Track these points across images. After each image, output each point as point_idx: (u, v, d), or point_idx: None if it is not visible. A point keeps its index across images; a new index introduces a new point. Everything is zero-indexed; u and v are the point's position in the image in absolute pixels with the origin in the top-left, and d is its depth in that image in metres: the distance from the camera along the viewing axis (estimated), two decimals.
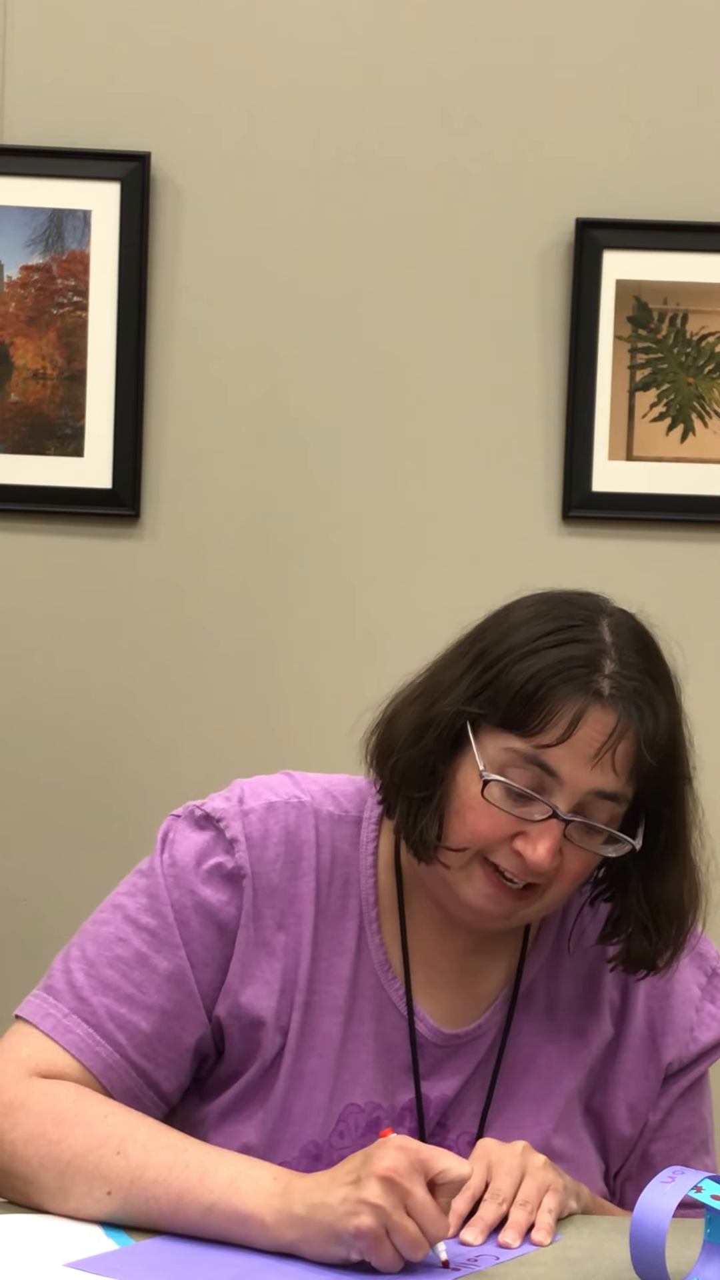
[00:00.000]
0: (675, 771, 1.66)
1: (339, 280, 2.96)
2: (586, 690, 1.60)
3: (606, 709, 1.60)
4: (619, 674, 1.62)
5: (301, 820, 1.71)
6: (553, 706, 1.59)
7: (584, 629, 1.64)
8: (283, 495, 2.97)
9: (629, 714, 1.61)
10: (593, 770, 1.60)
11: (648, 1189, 1.47)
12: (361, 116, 2.95)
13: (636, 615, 1.72)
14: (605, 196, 2.95)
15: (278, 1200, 1.50)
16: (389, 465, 2.96)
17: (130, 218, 2.93)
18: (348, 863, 1.72)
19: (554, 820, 1.61)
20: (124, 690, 2.96)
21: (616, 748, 1.60)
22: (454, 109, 2.95)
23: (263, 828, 1.70)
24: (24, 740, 2.94)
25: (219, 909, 1.68)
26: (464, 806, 1.63)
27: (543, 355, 2.96)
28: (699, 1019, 1.78)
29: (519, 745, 1.61)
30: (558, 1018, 1.75)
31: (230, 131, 2.94)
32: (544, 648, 1.61)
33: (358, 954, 1.70)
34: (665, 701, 1.65)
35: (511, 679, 1.61)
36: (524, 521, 2.98)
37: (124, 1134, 1.58)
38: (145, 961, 1.67)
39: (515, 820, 1.62)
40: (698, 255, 2.95)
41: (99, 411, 2.94)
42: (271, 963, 1.68)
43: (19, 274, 2.94)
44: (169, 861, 1.70)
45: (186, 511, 2.95)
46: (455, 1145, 1.71)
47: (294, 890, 1.69)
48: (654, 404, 2.96)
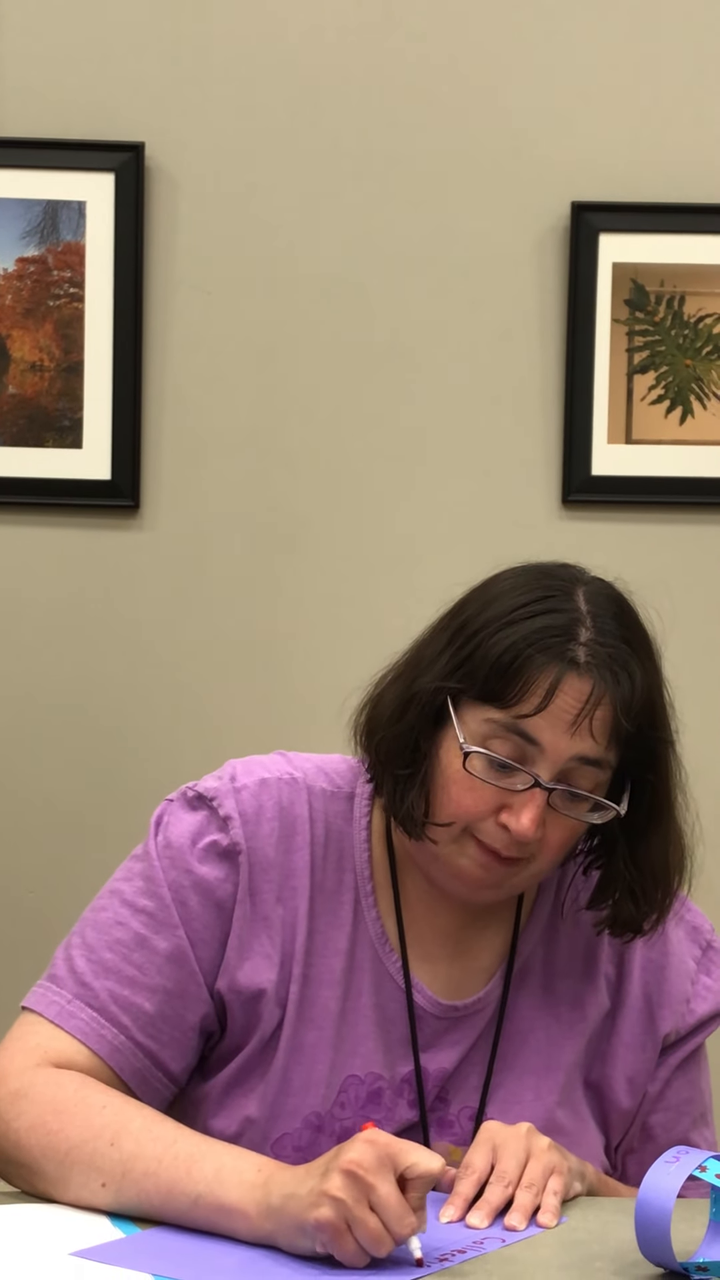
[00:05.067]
0: (656, 736, 1.68)
1: (335, 268, 2.95)
2: (562, 658, 1.61)
3: (583, 676, 1.61)
4: (594, 641, 1.63)
5: (295, 795, 1.72)
6: (529, 676, 1.61)
7: (559, 599, 1.65)
8: (282, 484, 2.97)
9: (605, 680, 1.62)
10: (572, 737, 1.61)
11: (652, 1169, 1.47)
12: (355, 103, 2.94)
13: (614, 583, 1.73)
14: (600, 179, 2.94)
15: (259, 1192, 1.51)
16: (388, 452, 2.96)
17: (125, 208, 2.92)
18: (342, 837, 1.73)
19: (537, 789, 1.62)
20: (125, 681, 2.96)
21: (594, 714, 1.61)
22: (448, 94, 2.94)
23: (256, 803, 1.71)
24: (25, 732, 2.94)
25: (216, 886, 1.69)
26: (448, 781, 1.64)
27: (540, 339, 2.96)
28: (695, 991, 1.79)
29: (498, 716, 1.62)
30: (555, 991, 1.76)
31: (224, 120, 2.94)
32: (520, 619, 1.63)
33: (354, 927, 1.71)
34: (642, 667, 1.66)
35: (488, 651, 1.62)
36: (524, 506, 2.97)
37: (119, 1125, 1.59)
38: (145, 943, 1.68)
39: (499, 792, 1.63)
40: (694, 237, 2.95)
41: (97, 403, 2.94)
42: (270, 936, 1.69)
43: (15, 266, 2.94)
44: (164, 843, 1.71)
45: (186, 502, 2.95)
46: (457, 1119, 1.72)
47: (290, 864, 1.70)
48: (652, 387, 2.96)
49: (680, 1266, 1.47)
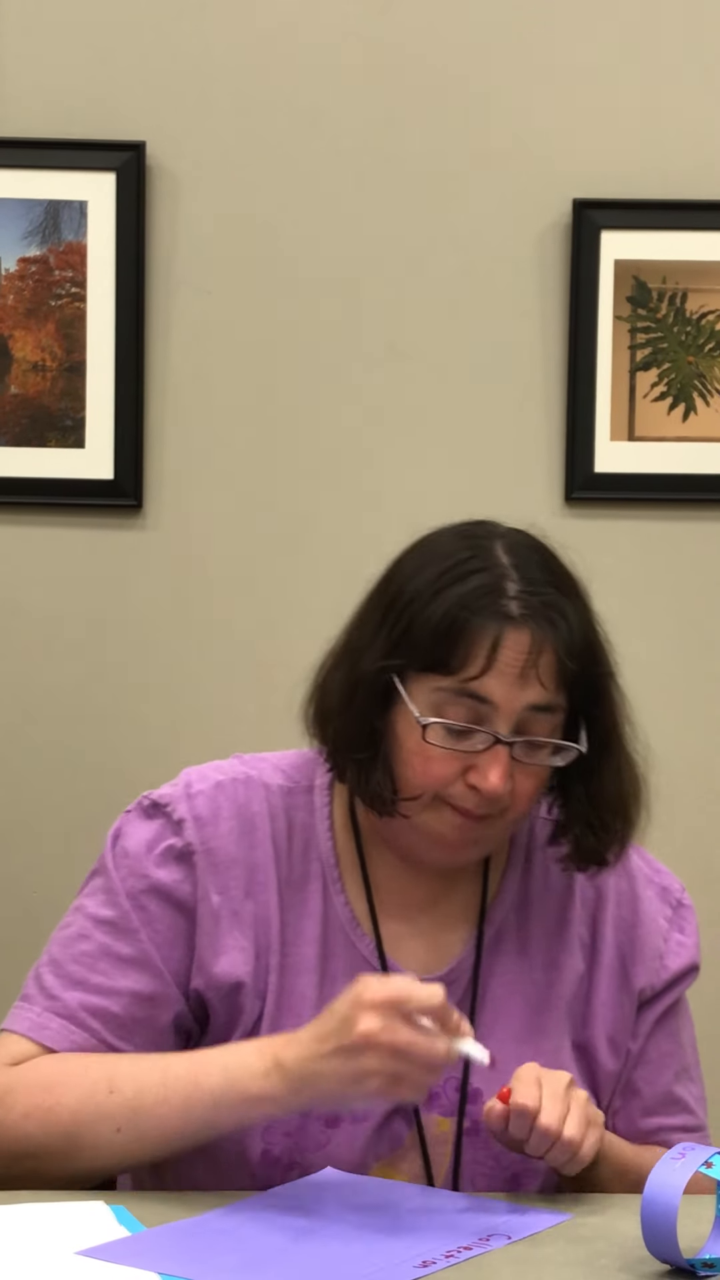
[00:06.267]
0: (598, 671, 1.72)
1: (337, 266, 2.95)
2: (498, 615, 1.64)
3: (520, 628, 1.64)
4: (524, 592, 1.66)
5: (251, 794, 1.76)
6: (469, 639, 1.63)
7: (481, 557, 1.68)
8: (284, 483, 2.97)
9: (542, 628, 1.65)
10: (522, 689, 1.64)
11: (658, 1166, 1.47)
12: (357, 101, 2.94)
13: (529, 530, 1.76)
14: (602, 176, 2.94)
15: (276, 1074, 1.58)
16: (390, 451, 2.96)
17: (127, 208, 2.92)
18: (306, 829, 1.76)
19: (498, 746, 1.65)
20: (127, 681, 2.95)
21: (538, 662, 1.64)
22: (449, 93, 2.94)
23: (212, 805, 1.75)
24: (27, 732, 2.94)
25: (174, 888, 1.72)
26: (410, 755, 1.66)
27: (542, 337, 2.96)
28: (668, 947, 1.81)
29: (446, 683, 1.64)
30: (530, 956, 1.78)
31: (225, 119, 2.94)
32: (446, 585, 1.66)
33: (324, 915, 1.74)
34: (574, 607, 1.69)
35: (424, 624, 1.65)
36: (526, 504, 2.97)
37: (109, 1074, 1.64)
38: (109, 951, 1.72)
39: (462, 755, 1.65)
40: (696, 233, 2.94)
41: (99, 402, 2.94)
42: (243, 930, 1.71)
43: (16, 266, 2.94)
44: (121, 853, 1.76)
45: (189, 501, 2.95)
46: (443, 1090, 1.74)
47: (253, 859, 1.73)
48: (655, 384, 2.95)
49: (686, 1263, 1.47)
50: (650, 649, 3.00)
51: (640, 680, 3.04)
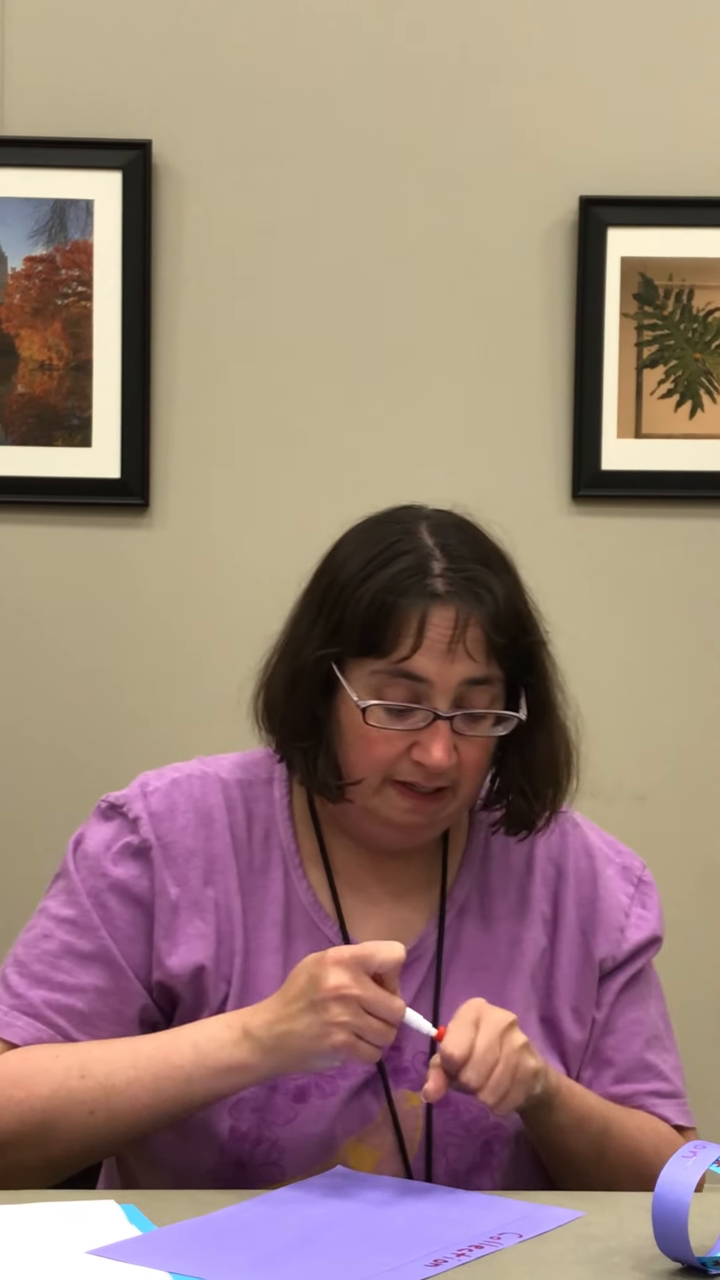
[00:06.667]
0: (528, 640, 1.75)
1: (343, 264, 2.95)
2: (423, 594, 1.69)
3: (446, 605, 1.69)
4: (449, 570, 1.70)
5: (207, 788, 1.80)
6: (397, 620, 1.68)
7: (406, 540, 1.73)
8: (291, 481, 2.97)
9: (466, 603, 1.69)
10: (454, 664, 1.68)
11: (669, 1164, 1.47)
12: (362, 98, 2.94)
13: (453, 509, 1.81)
14: (608, 173, 2.94)
15: (247, 1043, 1.65)
16: (397, 449, 2.96)
17: (132, 206, 2.92)
18: (266, 820, 1.80)
19: (438, 721, 1.69)
20: (134, 679, 2.95)
21: (466, 636, 1.68)
22: (455, 90, 2.94)
23: (168, 802, 1.79)
24: (35, 729, 2.95)
25: (132, 884, 1.76)
26: (354, 739, 1.71)
27: (549, 334, 2.96)
28: (629, 921, 1.85)
29: (381, 666, 1.69)
30: (494, 932, 1.81)
31: (230, 117, 2.94)
32: (374, 570, 1.71)
33: (286, 900, 1.78)
34: (500, 580, 1.73)
35: (354, 609, 1.70)
36: (533, 502, 2.97)
37: (79, 1060, 1.69)
38: (71, 949, 1.76)
39: (404, 735, 1.69)
40: (703, 230, 2.94)
41: (106, 401, 2.94)
42: (204, 917, 1.76)
43: (23, 265, 2.94)
44: (81, 855, 1.80)
45: (195, 500, 2.95)
46: (412, 1065, 1.76)
47: (212, 850, 1.78)
48: (661, 381, 2.95)
49: (698, 1261, 1.47)
50: (656, 645, 3.00)
51: (645, 676, 3.05)
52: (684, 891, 3.01)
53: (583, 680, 3.01)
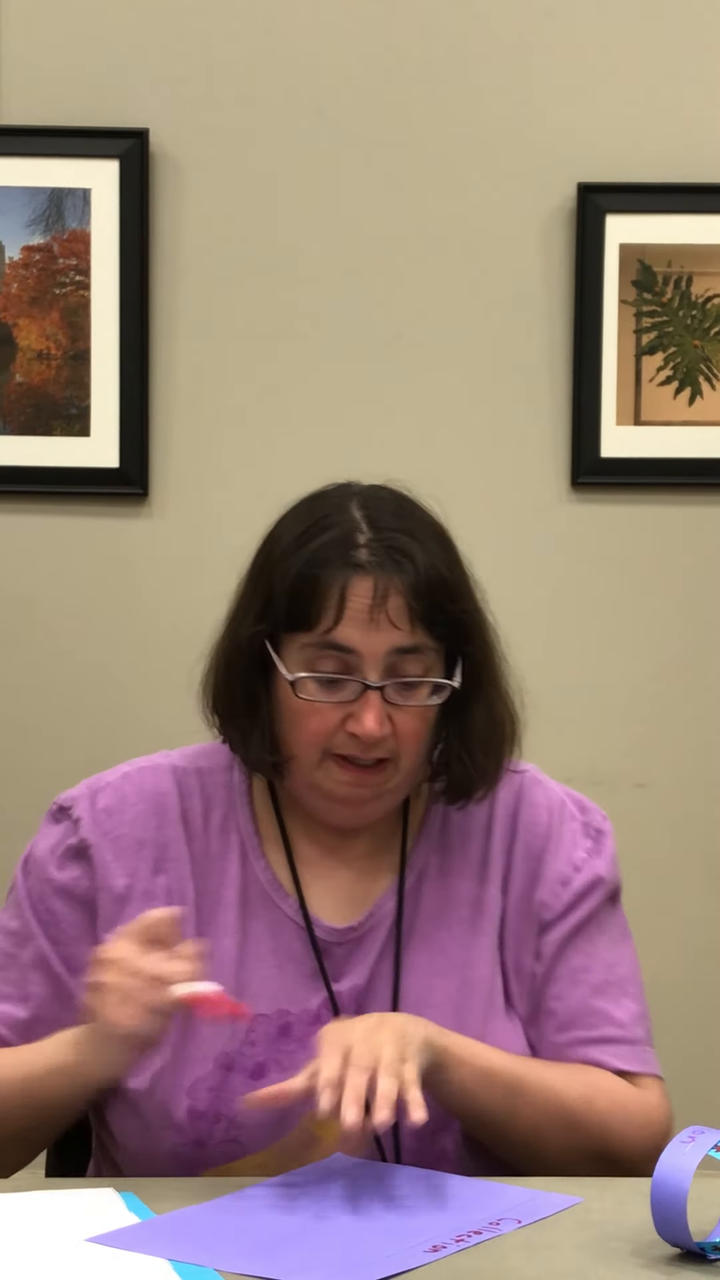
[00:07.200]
0: (460, 608, 1.74)
1: (341, 253, 2.95)
2: (346, 566, 1.70)
3: (365, 575, 1.70)
4: (373, 540, 1.72)
5: (158, 778, 1.83)
6: (321, 593, 1.70)
7: (335, 515, 1.75)
8: (290, 470, 2.96)
9: (386, 571, 1.70)
10: (379, 633, 1.69)
11: (668, 1149, 1.47)
12: (360, 87, 2.93)
13: (389, 484, 1.82)
14: (606, 160, 2.93)
15: (71, 1039, 1.68)
16: (395, 437, 2.95)
17: (130, 195, 2.92)
18: (225, 805, 1.82)
19: (368, 691, 1.70)
20: (134, 669, 2.95)
21: (386, 604, 1.69)
22: (453, 77, 2.93)
23: (118, 796, 1.82)
24: (33, 719, 2.94)
25: (73, 885, 1.80)
26: (290, 714, 1.72)
27: (547, 322, 2.95)
28: (576, 873, 1.83)
29: (310, 639, 1.71)
30: (453, 894, 1.81)
31: (228, 106, 2.94)
32: (302, 545, 1.73)
33: (243, 881, 1.79)
34: (425, 549, 1.73)
35: (283, 584, 1.72)
36: (533, 490, 2.97)
37: None
38: (14, 959, 1.80)
39: (337, 707, 1.71)
40: (701, 217, 2.94)
41: (104, 391, 2.94)
42: (155, 904, 1.76)
43: (20, 255, 2.94)
44: (30, 861, 1.84)
45: (194, 489, 2.95)
46: None
47: (163, 838, 1.80)
48: (660, 368, 2.95)
49: (697, 1246, 1.47)
50: (655, 632, 3.00)
51: (645, 663, 3.05)
52: (685, 879, 3.01)
53: (582, 667, 3.02)
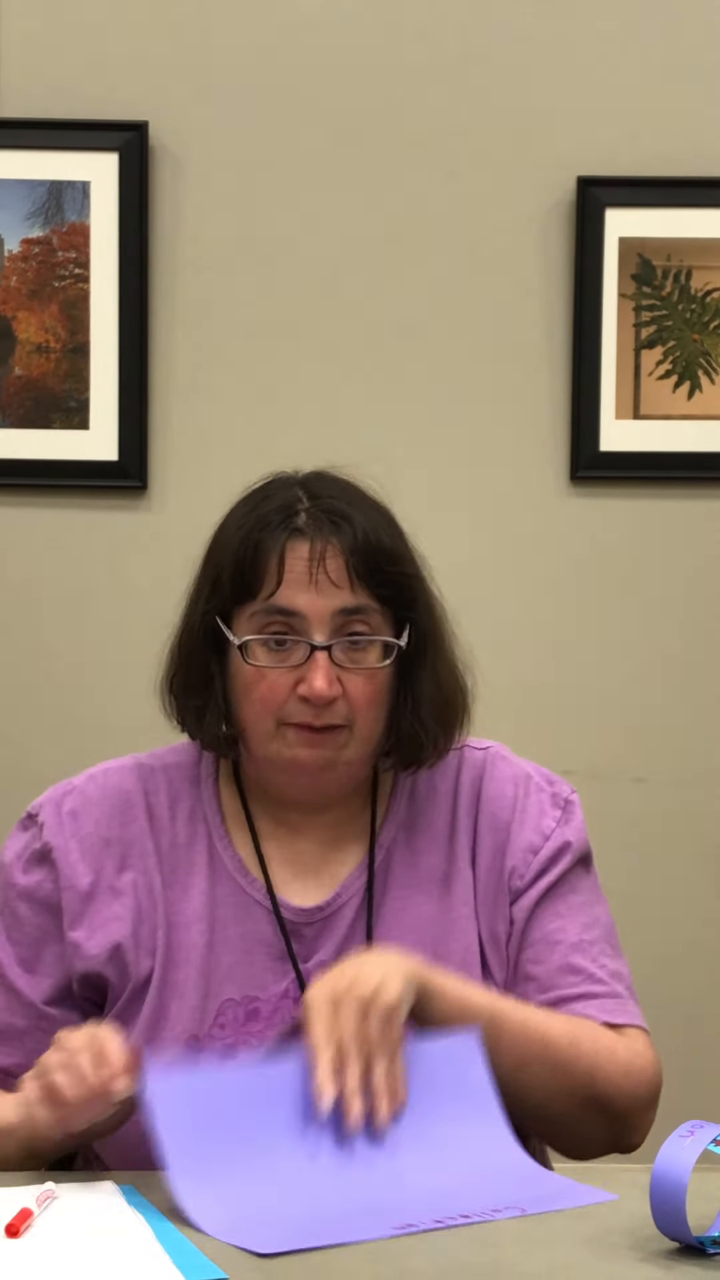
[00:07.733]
0: (400, 571, 1.79)
1: (340, 246, 2.94)
2: (285, 530, 1.76)
3: (303, 538, 1.76)
4: (312, 508, 1.77)
5: (123, 776, 1.88)
6: (261, 559, 1.75)
7: (279, 492, 1.81)
8: (289, 463, 2.94)
9: (323, 533, 1.76)
10: (319, 594, 1.74)
11: (666, 1143, 1.47)
12: (359, 80, 2.93)
13: (330, 469, 1.85)
14: (606, 154, 2.93)
15: (17, 1101, 1.66)
16: (396, 431, 2.95)
17: (129, 188, 2.92)
18: (191, 797, 1.86)
19: (316, 652, 1.74)
20: (133, 663, 2.94)
21: (324, 565, 1.74)
22: (454, 70, 2.93)
23: (83, 798, 1.86)
24: (32, 713, 2.94)
25: (36, 889, 1.83)
26: (242, 684, 1.77)
27: (546, 315, 2.95)
28: (545, 842, 1.84)
29: (255, 606, 1.76)
30: (422, 870, 1.83)
31: (228, 98, 2.93)
32: (244, 519, 1.79)
33: (211, 869, 1.82)
34: (364, 514, 1.78)
35: (228, 557, 1.78)
36: (532, 484, 2.97)
37: None
38: None
39: (287, 672, 1.75)
40: (701, 210, 2.94)
41: (103, 383, 2.93)
42: (122, 900, 1.81)
43: (19, 247, 2.93)
44: None
45: (193, 482, 2.95)
46: None
47: (128, 835, 1.83)
48: (660, 361, 2.95)
49: (695, 1240, 1.47)
50: (655, 627, 3.00)
51: (644, 658, 3.05)
52: (683, 873, 3.01)
53: (580, 661, 3.02)
